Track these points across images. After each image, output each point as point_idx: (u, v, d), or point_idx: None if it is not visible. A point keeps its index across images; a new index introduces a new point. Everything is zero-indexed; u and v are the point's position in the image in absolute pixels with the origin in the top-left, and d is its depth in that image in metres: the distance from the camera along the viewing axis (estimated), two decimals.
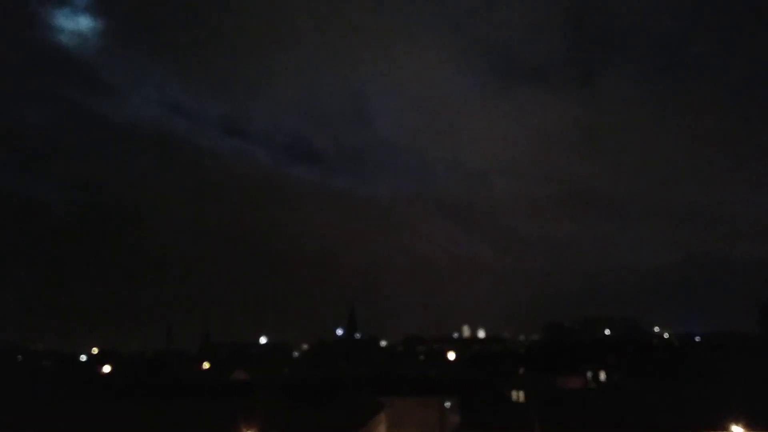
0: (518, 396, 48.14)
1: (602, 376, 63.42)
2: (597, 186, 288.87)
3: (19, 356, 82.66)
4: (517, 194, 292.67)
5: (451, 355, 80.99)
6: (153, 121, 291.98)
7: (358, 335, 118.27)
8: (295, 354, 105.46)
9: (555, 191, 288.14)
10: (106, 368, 70.57)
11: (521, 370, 68.17)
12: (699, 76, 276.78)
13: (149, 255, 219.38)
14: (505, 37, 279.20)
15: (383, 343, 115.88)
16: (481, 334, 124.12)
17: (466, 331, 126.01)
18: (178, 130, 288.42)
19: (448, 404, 47.18)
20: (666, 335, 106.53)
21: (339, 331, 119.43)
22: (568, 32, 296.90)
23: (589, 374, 63.37)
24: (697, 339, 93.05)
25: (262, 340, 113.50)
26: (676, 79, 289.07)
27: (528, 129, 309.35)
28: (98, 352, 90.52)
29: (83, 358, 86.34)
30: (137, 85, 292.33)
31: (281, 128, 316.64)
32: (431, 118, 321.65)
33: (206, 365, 76.62)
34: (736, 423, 32.99)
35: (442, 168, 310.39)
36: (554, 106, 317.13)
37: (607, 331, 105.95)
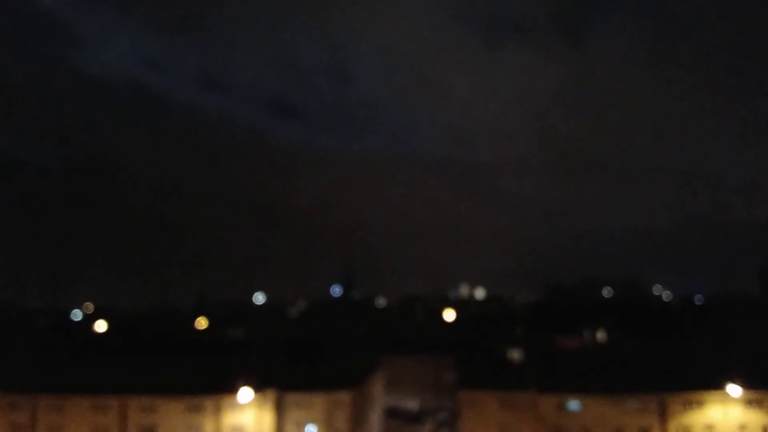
0: (516, 355, 47.89)
1: (600, 336, 63.32)
2: (590, 146, 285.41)
3: (13, 313, 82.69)
4: (507, 154, 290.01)
5: (449, 315, 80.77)
6: (128, 75, 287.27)
7: (355, 294, 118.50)
8: (292, 312, 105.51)
9: (545, 151, 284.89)
10: (102, 325, 70.39)
11: (519, 330, 68.08)
12: (693, 34, 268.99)
13: (137, 211, 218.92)
14: None
15: (381, 302, 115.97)
16: (479, 293, 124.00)
17: (464, 290, 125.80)
18: (155, 85, 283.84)
19: (445, 363, 46.83)
20: (666, 296, 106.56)
21: (336, 289, 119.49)
22: None
23: (587, 334, 63.29)
24: (697, 300, 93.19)
25: (259, 297, 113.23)
26: (669, 37, 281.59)
27: (517, 88, 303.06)
28: (93, 309, 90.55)
29: (78, 315, 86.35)
30: (109, 38, 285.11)
31: (262, 84, 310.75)
32: (416, 77, 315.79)
33: (203, 322, 76.59)
34: (733, 382, 32.63)
35: (429, 127, 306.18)
36: (543, 65, 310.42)
37: (606, 292, 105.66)
